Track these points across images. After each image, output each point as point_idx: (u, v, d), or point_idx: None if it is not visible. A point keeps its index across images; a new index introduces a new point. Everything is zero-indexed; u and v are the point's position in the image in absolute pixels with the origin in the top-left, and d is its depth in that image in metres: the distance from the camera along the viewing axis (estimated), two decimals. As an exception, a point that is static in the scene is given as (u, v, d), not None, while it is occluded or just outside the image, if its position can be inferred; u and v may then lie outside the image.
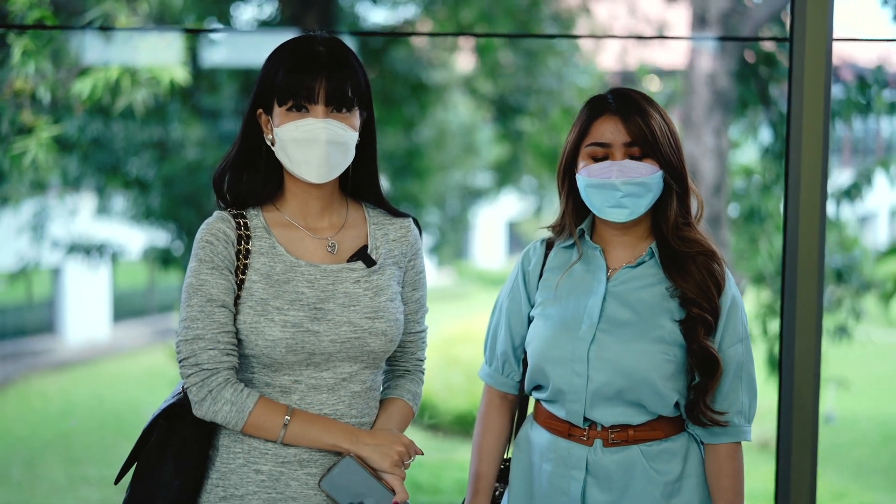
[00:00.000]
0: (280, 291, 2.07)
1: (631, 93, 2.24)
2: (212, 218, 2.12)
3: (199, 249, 2.08)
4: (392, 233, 2.22)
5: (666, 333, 2.18)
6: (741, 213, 8.18)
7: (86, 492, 9.31)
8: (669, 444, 2.21)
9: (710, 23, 7.42)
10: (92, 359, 13.43)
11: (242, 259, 2.09)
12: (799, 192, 2.58)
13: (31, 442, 10.68)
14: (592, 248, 2.28)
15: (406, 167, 10.29)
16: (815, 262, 2.57)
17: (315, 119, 2.05)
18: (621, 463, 2.19)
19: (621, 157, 2.19)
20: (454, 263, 19.11)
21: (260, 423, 2.04)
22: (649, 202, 2.21)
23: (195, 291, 2.06)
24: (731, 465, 2.22)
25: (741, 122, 8.14)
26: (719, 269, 2.22)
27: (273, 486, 2.08)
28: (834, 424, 11.72)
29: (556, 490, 2.22)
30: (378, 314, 2.12)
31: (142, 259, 10.39)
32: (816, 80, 2.57)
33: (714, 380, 2.17)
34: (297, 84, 2.05)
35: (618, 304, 2.22)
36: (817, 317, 2.57)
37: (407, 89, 9.69)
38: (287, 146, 2.07)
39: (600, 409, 2.19)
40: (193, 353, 2.04)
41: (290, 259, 2.10)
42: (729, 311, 2.21)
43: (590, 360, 2.19)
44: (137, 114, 6.19)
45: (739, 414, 2.21)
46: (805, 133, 2.58)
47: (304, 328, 2.06)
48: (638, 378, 2.16)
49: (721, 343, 2.20)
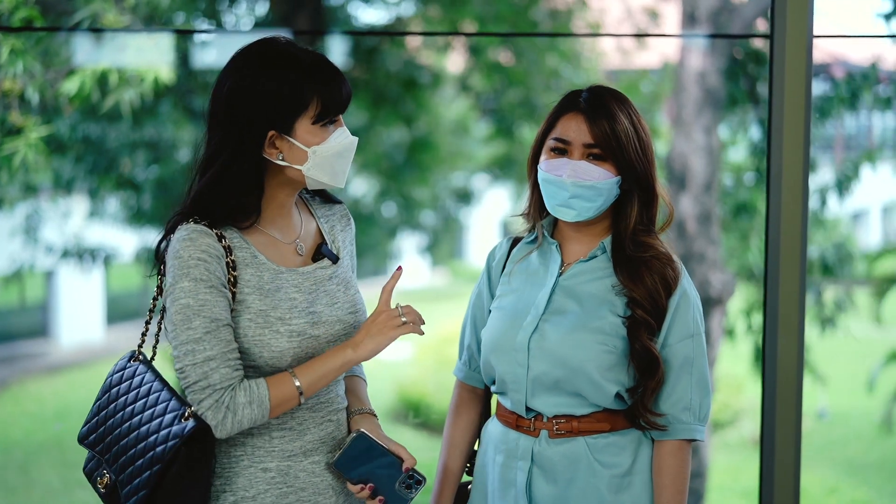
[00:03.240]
0: (275, 301, 2.07)
1: (605, 92, 2.22)
2: (192, 233, 2.03)
3: (192, 268, 2.00)
4: (337, 224, 2.24)
5: (607, 325, 2.17)
6: (731, 209, 8.20)
7: (81, 495, 9.31)
8: (618, 438, 2.19)
9: (700, 20, 7.43)
10: (86, 362, 13.42)
11: (231, 272, 2.05)
12: (781, 189, 2.59)
13: (25, 445, 10.68)
14: (549, 243, 2.29)
15: (402, 165, 10.30)
16: (798, 257, 2.58)
17: (344, 127, 2.10)
18: (566, 454, 2.18)
19: (579, 157, 2.18)
20: (448, 263, 19.12)
21: (281, 401, 2.03)
22: (599, 206, 2.20)
23: (196, 314, 1.99)
24: (673, 463, 2.17)
25: (732, 120, 8.15)
26: (672, 273, 2.20)
27: (283, 481, 2.09)
28: (827, 420, 11.75)
29: (505, 482, 2.23)
30: (355, 307, 2.17)
31: (135, 261, 10.37)
32: (797, 77, 2.58)
33: (654, 380, 2.15)
34: (334, 97, 2.06)
35: (565, 296, 2.22)
36: (799, 312, 2.58)
37: (400, 87, 9.69)
38: (328, 160, 2.07)
39: (541, 398, 2.19)
40: (205, 376, 1.99)
41: (272, 267, 2.09)
42: (678, 306, 2.18)
43: (530, 349, 2.19)
44: (124, 113, 6.17)
45: (686, 411, 2.17)
46: (786, 130, 2.59)
47: (308, 335, 2.08)
48: (574, 367, 2.15)
49: (668, 338, 2.18)
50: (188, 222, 2.05)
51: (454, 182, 13.00)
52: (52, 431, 11.25)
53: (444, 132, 11.60)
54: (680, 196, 7.40)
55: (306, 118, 2.05)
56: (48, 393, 12.41)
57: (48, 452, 10.49)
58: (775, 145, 2.60)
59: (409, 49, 10.01)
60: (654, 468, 2.19)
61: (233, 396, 1.99)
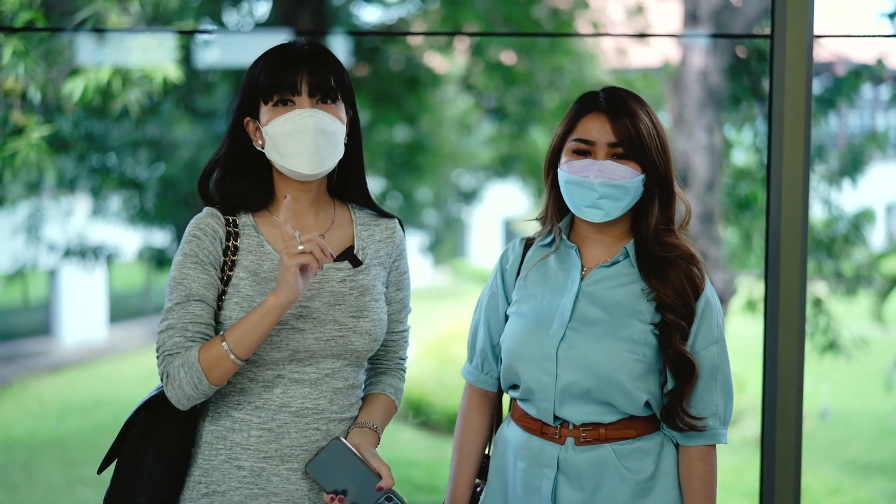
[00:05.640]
0: (266, 289, 2.08)
1: (623, 93, 2.22)
2: (201, 213, 2.13)
3: (186, 244, 2.09)
4: (378, 233, 2.23)
5: (636, 333, 2.16)
6: (734, 206, 8.20)
7: (83, 493, 9.32)
8: (643, 444, 2.18)
9: (702, 20, 7.43)
10: (88, 360, 13.44)
11: (231, 255, 2.09)
12: (781, 188, 2.58)
13: (28, 444, 10.69)
14: (568, 247, 2.27)
15: (405, 164, 10.30)
16: (798, 256, 2.58)
17: (301, 109, 2.06)
18: (592, 461, 2.17)
19: (604, 157, 2.17)
20: (451, 262, 19.13)
21: (211, 360, 2.01)
22: (626, 205, 2.19)
23: (177, 285, 2.07)
24: (701, 468, 2.18)
25: (737, 118, 8.15)
26: (699, 273, 2.19)
27: (254, 482, 2.09)
28: (830, 420, 11.74)
29: (528, 488, 2.21)
30: (362, 313, 2.13)
31: (137, 260, 10.39)
32: (798, 76, 2.57)
33: (690, 384, 2.15)
34: (281, 78, 2.07)
35: (589, 303, 2.20)
36: (800, 311, 2.57)
37: (402, 86, 9.69)
38: (277, 141, 2.07)
39: (570, 407, 2.18)
40: (163, 343, 2.05)
41: (277, 257, 2.10)
42: (703, 312, 2.18)
43: (558, 358, 2.17)
44: (133, 114, 6.19)
45: (714, 416, 2.18)
46: (787, 130, 2.58)
47: (290, 326, 2.08)
48: (605, 377, 2.14)
49: (695, 345, 2.18)
50: (207, 206, 2.15)
51: (456, 181, 13.00)
52: (55, 430, 11.26)
53: (447, 131, 11.60)
54: (682, 195, 7.39)
55: (269, 102, 2.08)
56: (51, 392, 12.42)
57: (51, 451, 10.50)
58: (776, 145, 2.60)
59: (412, 48, 10.02)
60: (682, 474, 2.20)
61: (171, 362, 2.04)
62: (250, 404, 2.09)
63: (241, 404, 2.10)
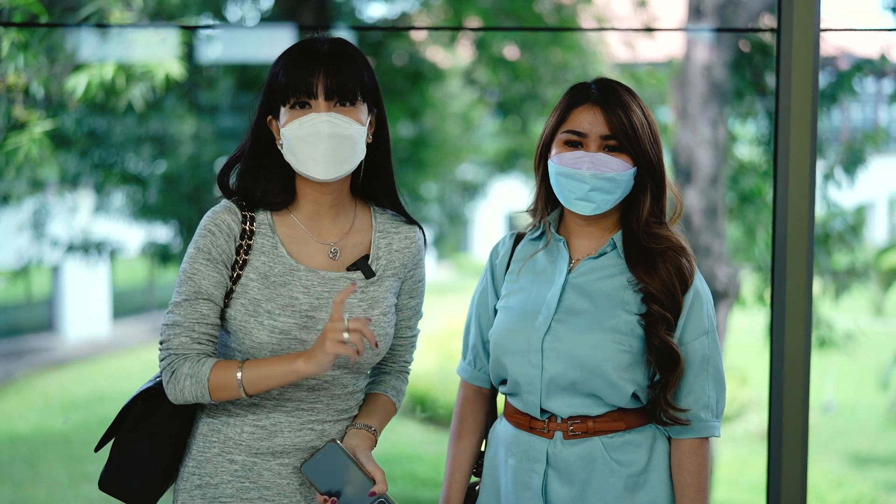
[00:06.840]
0: (274, 294, 2.06)
1: (615, 84, 2.19)
2: (219, 207, 2.10)
3: (200, 238, 2.07)
4: (396, 243, 2.19)
5: (621, 324, 2.13)
6: (738, 200, 8.19)
7: (87, 489, 9.34)
8: (633, 436, 2.16)
9: (706, 14, 7.42)
10: (92, 356, 13.46)
11: (243, 254, 2.07)
12: (788, 182, 2.58)
13: (31, 440, 10.71)
14: (556, 240, 2.24)
15: (408, 159, 10.29)
16: (805, 249, 2.58)
17: (317, 113, 2.02)
18: (581, 455, 2.14)
19: (596, 150, 2.14)
20: (454, 257, 19.12)
21: (220, 386, 2.02)
22: (617, 198, 2.16)
23: (187, 279, 2.06)
24: (693, 461, 2.16)
25: (741, 112, 8.14)
26: (688, 265, 2.17)
27: (246, 476, 2.10)
28: (833, 413, 11.74)
29: (519, 484, 2.19)
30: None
31: (141, 256, 10.39)
32: (804, 70, 2.57)
33: (674, 375, 2.12)
34: (296, 80, 2.03)
35: (576, 294, 2.18)
36: (807, 304, 2.57)
37: (406, 81, 9.68)
38: (293, 145, 2.04)
39: (556, 400, 2.15)
40: (168, 338, 2.05)
41: (289, 262, 2.08)
42: (692, 304, 2.15)
43: (544, 350, 2.15)
44: (137, 109, 6.18)
45: (705, 408, 2.15)
46: (793, 124, 2.58)
47: (292, 336, 2.06)
48: (591, 368, 2.12)
49: (683, 336, 2.15)
50: (227, 200, 2.12)
51: (460, 176, 12.99)
52: (59, 426, 11.28)
53: (450, 126, 11.59)
54: (686, 189, 7.40)
55: (287, 104, 2.06)
56: (54, 387, 12.44)
57: (54, 447, 10.52)
58: (782, 139, 2.59)
59: (415, 42, 10.01)
60: (673, 467, 2.17)
61: (180, 365, 2.03)
62: (247, 400, 2.09)
63: (238, 399, 2.09)
